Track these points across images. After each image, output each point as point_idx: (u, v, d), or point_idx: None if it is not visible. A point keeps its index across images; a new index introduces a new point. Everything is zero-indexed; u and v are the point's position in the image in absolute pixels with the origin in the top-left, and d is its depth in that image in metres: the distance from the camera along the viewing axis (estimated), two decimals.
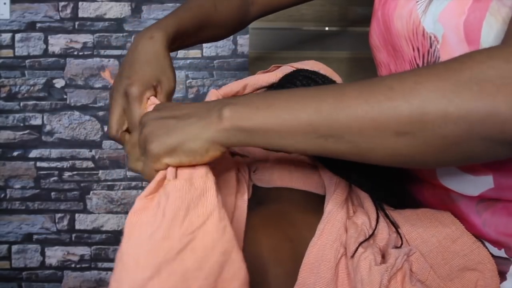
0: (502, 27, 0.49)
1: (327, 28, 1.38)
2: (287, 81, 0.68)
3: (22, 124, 1.48)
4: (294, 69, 0.72)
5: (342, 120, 0.42)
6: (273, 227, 0.55)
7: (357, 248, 0.52)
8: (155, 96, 0.59)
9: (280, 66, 0.74)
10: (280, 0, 0.83)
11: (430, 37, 0.58)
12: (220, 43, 1.47)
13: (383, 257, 0.54)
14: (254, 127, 0.44)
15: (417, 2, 0.60)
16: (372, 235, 0.54)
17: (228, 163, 0.62)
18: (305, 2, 0.85)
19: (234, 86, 0.68)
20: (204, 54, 1.47)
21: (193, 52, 1.48)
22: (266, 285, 0.50)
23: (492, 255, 0.57)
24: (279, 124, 0.43)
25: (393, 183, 0.64)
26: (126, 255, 0.43)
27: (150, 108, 0.55)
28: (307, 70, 0.69)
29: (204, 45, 1.47)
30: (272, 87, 0.69)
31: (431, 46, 0.58)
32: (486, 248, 0.58)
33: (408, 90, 0.40)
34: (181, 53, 1.48)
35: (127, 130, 0.58)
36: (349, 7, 1.37)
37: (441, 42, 0.57)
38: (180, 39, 0.66)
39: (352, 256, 0.51)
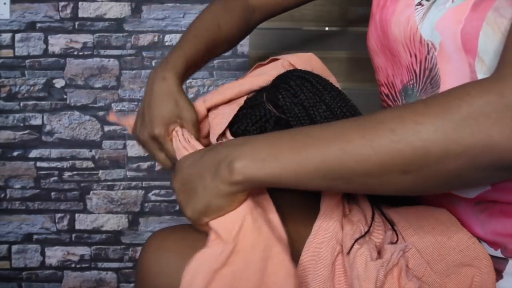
0: (499, 37, 0.50)
1: (327, 28, 1.38)
2: (281, 81, 0.68)
3: (22, 124, 1.48)
4: (290, 65, 0.72)
5: (348, 165, 0.44)
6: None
7: (353, 245, 0.52)
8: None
9: (277, 59, 0.74)
10: (282, 4, 0.83)
11: (428, 44, 0.58)
12: None
13: (379, 253, 0.54)
14: (262, 178, 0.47)
15: (415, 9, 0.60)
16: (367, 231, 0.55)
17: None
18: (305, 3, 0.85)
19: (227, 94, 0.68)
20: None
21: None
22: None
23: (489, 255, 0.58)
24: (287, 174, 0.46)
25: None
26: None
27: (178, 138, 0.62)
28: (301, 70, 0.69)
29: None
30: (266, 88, 0.70)
31: (428, 53, 0.59)
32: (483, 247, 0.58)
33: (411, 132, 0.42)
34: None
35: None
36: (349, 7, 1.37)
37: (438, 49, 0.57)
38: (191, 68, 0.70)
39: (348, 253, 0.52)
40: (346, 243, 0.53)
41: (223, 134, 0.68)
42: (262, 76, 0.70)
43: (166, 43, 1.47)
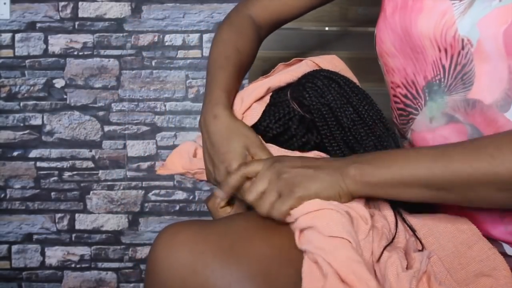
0: None
1: (327, 28, 1.38)
2: (307, 80, 0.67)
3: (22, 124, 1.48)
4: (314, 65, 0.71)
5: (452, 179, 0.51)
6: (283, 227, 0.55)
7: (382, 252, 0.52)
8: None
9: (301, 60, 0.73)
10: (283, 17, 0.84)
11: (463, 40, 0.58)
12: None
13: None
14: (375, 182, 0.54)
15: (453, 4, 0.59)
16: (394, 237, 0.55)
17: None
18: (306, 13, 0.85)
19: (258, 92, 0.69)
20: (204, 54, 1.47)
21: (193, 52, 1.48)
22: (277, 284, 0.50)
23: (510, 256, 0.58)
24: (397, 181, 0.53)
25: None
26: None
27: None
28: (328, 70, 0.69)
29: (204, 45, 1.47)
30: (291, 85, 0.69)
31: (463, 48, 0.58)
32: (504, 250, 0.59)
33: (508, 159, 0.49)
34: (181, 53, 1.48)
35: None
36: (349, 7, 1.37)
37: (475, 46, 0.57)
38: (231, 97, 0.70)
39: (378, 261, 0.52)
40: (374, 249, 0.53)
41: None
42: (289, 72, 0.70)
43: (166, 43, 1.47)
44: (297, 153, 0.65)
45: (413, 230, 0.58)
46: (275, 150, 0.65)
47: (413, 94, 0.66)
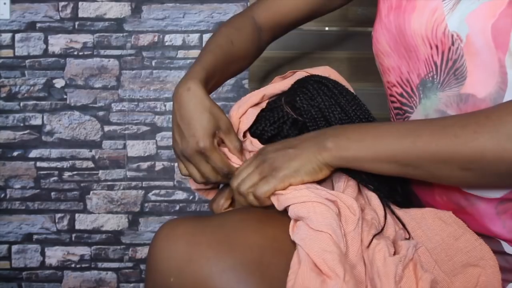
0: None
1: (327, 28, 1.38)
2: (299, 85, 0.72)
3: (22, 124, 1.48)
4: (308, 74, 0.75)
5: (418, 155, 0.54)
6: (277, 218, 0.57)
7: (372, 240, 0.55)
8: (221, 138, 0.67)
9: (295, 72, 0.77)
10: (285, 22, 0.85)
11: (452, 35, 0.59)
12: None
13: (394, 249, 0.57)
14: (350, 156, 0.57)
15: (443, 1, 0.60)
16: (383, 228, 0.58)
17: None
18: (308, 21, 0.86)
19: (253, 99, 0.73)
20: None
21: (193, 52, 1.48)
22: (269, 273, 0.52)
23: (508, 254, 0.59)
24: (370, 155, 0.56)
25: (397, 183, 0.66)
26: None
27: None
28: (318, 75, 0.73)
29: (204, 44, 1.47)
30: (285, 92, 0.74)
31: (453, 44, 0.59)
32: (503, 249, 0.59)
33: (470, 138, 0.51)
34: (181, 53, 1.48)
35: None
36: (349, 7, 1.37)
37: (465, 41, 0.58)
38: (211, 81, 0.71)
39: (368, 246, 0.55)
40: (364, 238, 0.56)
41: (243, 135, 0.73)
42: (284, 83, 0.75)
43: (166, 43, 1.48)
44: None
45: (402, 223, 0.60)
46: None
47: (408, 92, 0.67)
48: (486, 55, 0.56)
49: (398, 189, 0.65)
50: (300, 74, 0.76)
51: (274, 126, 0.70)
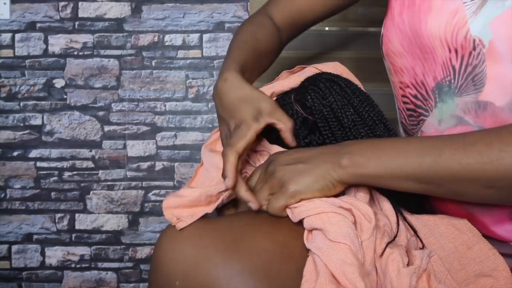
0: None
1: (327, 28, 1.38)
2: (310, 83, 0.68)
3: (22, 124, 1.48)
4: (317, 71, 0.72)
5: (440, 173, 0.52)
6: (287, 223, 0.56)
7: (385, 249, 0.54)
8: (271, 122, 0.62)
9: (305, 67, 0.75)
10: (301, 21, 0.85)
11: (474, 40, 0.57)
12: (220, 42, 1.47)
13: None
14: (366, 173, 0.55)
15: (464, 3, 0.58)
16: (396, 235, 0.56)
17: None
18: (322, 20, 0.85)
19: None
20: (204, 54, 1.47)
21: (193, 52, 1.48)
22: (278, 280, 0.51)
23: None
24: (388, 173, 0.54)
25: None
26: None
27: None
28: (330, 73, 0.70)
29: (204, 45, 1.47)
30: (295, 89, 0.71)
31: (474, 49, 0.58)
32: None
33: (495, 157, 0.49)
34: (181, 53, 1.48)
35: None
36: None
37: (487, 47, 0.56)
38: (245, 73, 0.69)
39: (381, 255, 0.53)
40: (377, 246, 0.54)
41: None
42: (293, 78, 0.72)
43: (166, 43, 1.47)
44: None
45: (414, 230, 0.58)
46: (279, 150, 0.66)
47: (423, 95, 0.66)
48: (509, 63, 0.55)
49: (410, 194, 0.64)
50: (310, 70, 0.73)
51: None
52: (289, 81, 0.71)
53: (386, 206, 0.59)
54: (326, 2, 0.82)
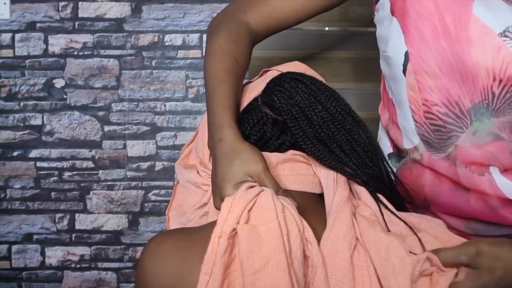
0: None
1: (327, 28, 1.38)
2: (275, 84, 0.69)
3: (22, 124, 1.48)
4: (280, 72, 0.72)
5: None
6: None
7: (382, 236, 0.55)
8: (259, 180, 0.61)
9: (269, 70, 0.75)
10: (281, 26, 0.83)
11: None
12: None
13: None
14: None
15: (504, 40, 0.63)
16: (386, 224, 0.58)
17: None
18: (303, 22, 0.85)
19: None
20: (204, 54, 1.47)
21: (193, 52, 1.48)
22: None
23: None
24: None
25: (385, 177, 0.66)
26: None
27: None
28: (294, 72, 0.71)
29: (204, 45, 1.47)
30: (261, 92, 0.71)
31: None
32: None
33: None
34: (181, 53, 1.48)
35: None
36: (349, 7, 1.37)
37: None
38: (236, 110, 0.68)
39: (377, 243, 0.54)
40: (370, 235, 0.55)
41: None
42: (253, 91, 0.72)
43: (166, 43, 1.48)
44: (276, 154, 0.67)
45: (398, 216, 0.60)
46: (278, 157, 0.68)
47: (456, 114, 0.69)
48: None
49: (385, 183, 0.65)
50: (272, 73, 0.73)
51: (254, 129, 0.68)
52: (250, 95, 0.72)
53: (364, 195, 0.61)
54: (305, 7, 0.81)
